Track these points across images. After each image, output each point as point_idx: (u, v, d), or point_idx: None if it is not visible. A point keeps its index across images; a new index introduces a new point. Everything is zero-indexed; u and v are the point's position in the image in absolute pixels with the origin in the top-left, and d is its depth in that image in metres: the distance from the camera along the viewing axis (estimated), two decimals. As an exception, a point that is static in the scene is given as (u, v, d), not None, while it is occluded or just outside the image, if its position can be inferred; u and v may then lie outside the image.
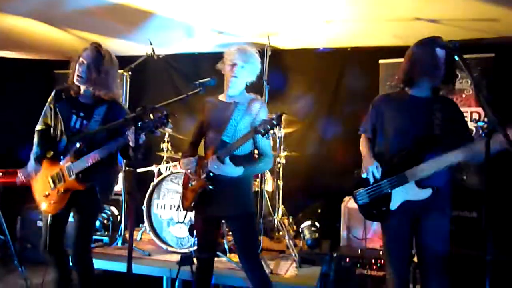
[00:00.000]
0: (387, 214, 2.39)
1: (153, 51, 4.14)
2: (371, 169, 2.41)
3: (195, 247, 2.77)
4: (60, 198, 2.58)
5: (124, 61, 4.11)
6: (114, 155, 2.67)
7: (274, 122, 2.22)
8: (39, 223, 3.70)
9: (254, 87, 4.32)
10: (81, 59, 2.58)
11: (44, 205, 2.64)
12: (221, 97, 2.65)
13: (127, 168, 4.25)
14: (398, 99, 2.49)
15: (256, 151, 2.61)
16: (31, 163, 2.71)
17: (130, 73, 4.21)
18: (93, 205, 2.66)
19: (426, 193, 2.28)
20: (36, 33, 4.66)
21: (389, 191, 2.37)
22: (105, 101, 2.63)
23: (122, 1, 3.72)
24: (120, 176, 4.55)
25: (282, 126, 3.93)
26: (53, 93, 2.70)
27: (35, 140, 2.75)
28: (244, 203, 2.51)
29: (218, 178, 2.41)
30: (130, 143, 2.35)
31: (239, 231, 2.53)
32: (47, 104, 2.72)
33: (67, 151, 2.59)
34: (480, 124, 1.80)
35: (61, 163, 2.60)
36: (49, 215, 2.63)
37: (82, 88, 2.65)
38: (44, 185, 2.64)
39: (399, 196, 2.35)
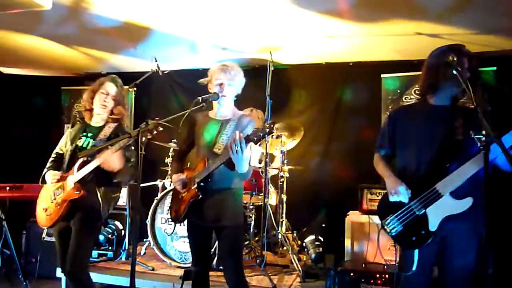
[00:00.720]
0: (428, 237, 2.11)
1: (158, 67, 4.21)
2: (401, 190, 2.15)
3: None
4: (55, 210, 2.64)
5: (129, 77, 4.19)
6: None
7: (267, 130, 2.22)
8: (46, 238, 3.72)
9: (257, 102, 4.43)
10: (103, 90, 2.83)
11: (41, 219, 2.74)
12: (212, 114, 2.65)
13: (131, 183, 4.28)
14: (419, 109, 2.31)
15: None
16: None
17: (135, 89, 4.26)
18: (89, 217, 2.66)
19: (467, 203, 2.05)
20: (46, 51, 4.78)
21: (423, 211, 2.12)
22: (114, 122, 2.87)
23: (128, 19, 3.83)
24: (124, 190, 4.59)
25: (274, 134, 3.96)
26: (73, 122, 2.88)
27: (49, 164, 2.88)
28: (233, 214, 2.52)
29: (208, 189, 2.44)
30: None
31: (226, 240, 2.53)
32: (66, 132, 2.93)
33: (72, 166, 2.68)
34: (478, 137, 1.76)
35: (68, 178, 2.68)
36: (56, 232, 2.71)
37: (99, 114, 2.86)
38: (46, 200, 2.74)
39: (436, 214, 2.10)
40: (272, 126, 2.22)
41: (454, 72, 1.95)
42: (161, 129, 2.26)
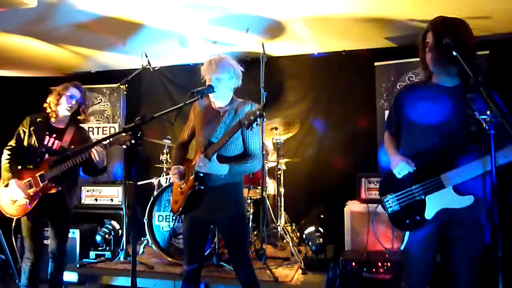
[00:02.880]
0: (421, 223, 2.10)
1: (149, 62, 4.13)
2: (403, 165, 2.10)
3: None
4: (28, 201, 2.95)
5: (120, 75, 4.12)
6: (77, 169, 3.19)
7: (257, 113, 2.17)
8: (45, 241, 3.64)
9: (251, 95, 4.37)
10: (68, 93, 3.13)
11: (10, 210, 2.99)
12: (213, 105, 2.59)
13: (127, 182, 4.23)
14: (423, 88, 2.20)
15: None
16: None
17: (126, 85, 4.18)
18: (64, 209, 3.11)
19: (467, 200, 2.01)
20: (33, 51, 4.67)
21: (423, 197, 2.10)
22: (74, 125, 3.20)
23: (115, 14, 3.73)
24: (120, 189, 4.54)
25: (265, 117, 3.89)
26: (28, 119, 3.16)
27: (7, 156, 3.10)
28: (234, 206, 2.48)
29: (207, 179, 2.39)
30: (94, 158, 2.91)
31: (229, 231, 2.50)
32: (20, 127, 3.15)
33: (39, 163, 3.02)
34: (483, 117, 1.71)
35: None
36: (28, 223, 2.99)
37: (62, 115, 3.14)
38: (12, 192, 2.94)
39: (435, 203, 2.08)
40: (263, 108, 2.18)
41: (454, 53, 1.89)
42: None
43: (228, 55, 2.55)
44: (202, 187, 2.40)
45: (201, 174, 2.37)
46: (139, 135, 2.07)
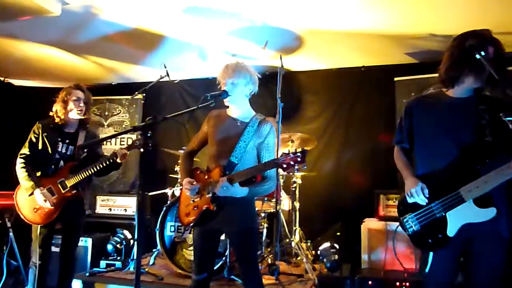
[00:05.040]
0: (444, 241, 2.02)
1: (167, 73, 4.16)
2: (415, 192, 2.05)
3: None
4: (50, 210, 2.97)
5: (140, 87, 4.14)
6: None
7: (298, 159, 2.11)
8: (53, 248, 3.62)
9: (269, 109, 4.35)
10: (73, 97, 3.12)
11: (34, 218, 3.00)
12: (228, 113, 2.56)
13: (140, 192, 4.20)
14: (436, 100, 2.16)
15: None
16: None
17: (144, 95, 4.22)
18: (80, 214, 3.14)
19: (490, 213, 1.93)
20: (55, 61, 4.80)
21: (443, 214, 2.03)
22: (83, 127, 3.22)
23: (137, 25, 3.81)
24: (134, 200, 4.53)
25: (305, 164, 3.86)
26: (39, 125, 3.15)
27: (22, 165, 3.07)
28: (245, 219, 2.43)
29: (222, 198, 2.34)
30: (118, 159, 2.98)
31: (239, 244, 2.45)
32: (31, 134, 3.14)
33: (56, 170, 3.04)
34: (509, 119, 1.63)
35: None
36: (41, 229, 2.99)
37: (74, 120, 3.15)
38: (37, 200, 2.94)
39: (456, 219, 2.00)
40: (304, 154, 2.11)
41: (478, 56, 1.82)
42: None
43: (245, 61, 2.54)
44: (217, 205, 2.36)
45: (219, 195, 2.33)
46: (149, 134, 2.06)
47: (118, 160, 3.00)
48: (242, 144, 2.40)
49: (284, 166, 2.14)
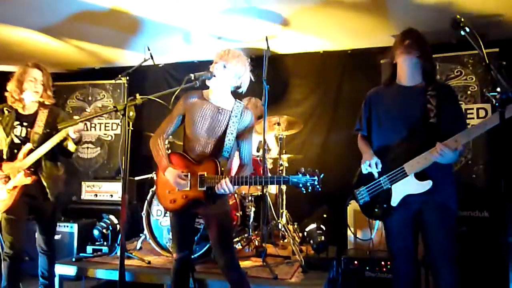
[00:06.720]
0: (389, 211, 2.33)
1: (151, 56, 4.08)
2: (369, 163, 2.36)
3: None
4: (9, 196, 2.88)
5: (124, 71, 4.05)
6: (55, 154, 3.05)
7: (316, 183, 2.27)
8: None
9: (255, 91, 4.31)
10: (31, 77, 2.96)
11: None
12: (208, 97, 2.55)
13: (127, 177, 4.16)
14: (388, 89, 2.48)
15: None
16: None
17: (127, 78, 4.14)
18: (44, 201, 2.99)
19: (426, 185, 2.22)
20: (37, 45, 4.66)
21: (389, 186, 2.32)
22: (46, 107, 3.04)
23: (116, 5, 3.69)
24: (119, 185, 4.48)
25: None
26: None
27: None
28: (221, 203, 2.50)
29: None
30: (72, 133, 2.83)
31: (215, 227, 2.48)
32: None
33: (13, 155, 2.92)
34: (493, 94, 1.72)
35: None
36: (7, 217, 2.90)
37: (29, 101, 2.98)
38: None
39: (399, 191, 2.30)
40: (320, 178, 2.27)
41: (462, 32, 1.85)
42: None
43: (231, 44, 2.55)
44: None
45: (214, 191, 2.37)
46: (130, 115, 2.04)
47: (72, 134, 2.84)
48: (230, 137, 2.45)
49: (302, 188, 2.30)
